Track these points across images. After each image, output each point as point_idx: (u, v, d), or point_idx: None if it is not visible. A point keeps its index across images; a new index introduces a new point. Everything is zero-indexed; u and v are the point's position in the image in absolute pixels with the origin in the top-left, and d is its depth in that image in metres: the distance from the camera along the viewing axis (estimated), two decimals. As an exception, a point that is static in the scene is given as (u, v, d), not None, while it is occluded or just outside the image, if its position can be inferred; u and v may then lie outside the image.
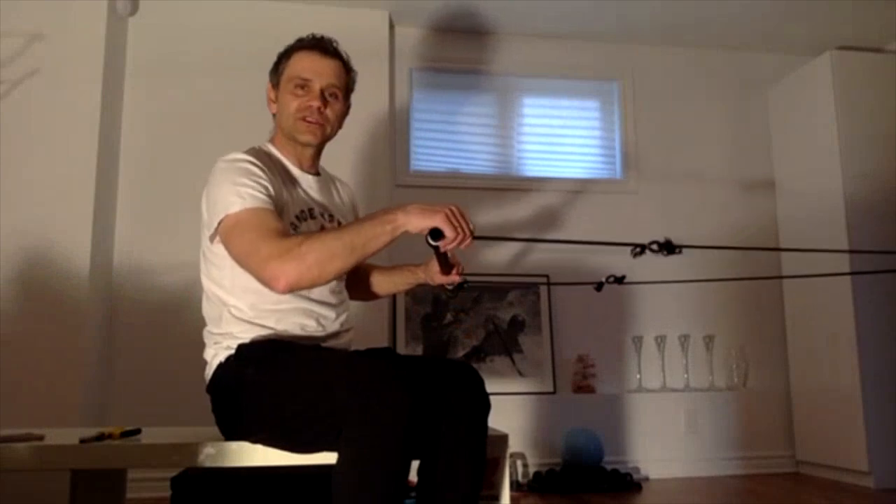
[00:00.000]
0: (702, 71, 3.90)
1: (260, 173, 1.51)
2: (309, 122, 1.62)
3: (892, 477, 3.10)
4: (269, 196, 1.49)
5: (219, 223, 1.47)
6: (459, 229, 1.38)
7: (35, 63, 2.87)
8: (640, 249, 1.70)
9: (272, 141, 1.71)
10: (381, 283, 1.92)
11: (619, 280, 2.25)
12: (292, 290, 1.39)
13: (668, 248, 1.66)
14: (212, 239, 1.53)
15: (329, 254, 1.36)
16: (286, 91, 1.63)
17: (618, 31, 3.72)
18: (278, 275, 1.35)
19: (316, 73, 1.63)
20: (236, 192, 1.46)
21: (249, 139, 1.86)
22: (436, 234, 1.40)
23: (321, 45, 1.65)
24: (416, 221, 1.37)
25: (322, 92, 1.63)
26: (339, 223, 1.71)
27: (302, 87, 1.62)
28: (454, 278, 1.75)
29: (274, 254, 1.36)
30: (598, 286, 2.36)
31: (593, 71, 3.82)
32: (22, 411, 2.53)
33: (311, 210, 1.64)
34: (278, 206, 1.52)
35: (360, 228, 1.39)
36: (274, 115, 1.71)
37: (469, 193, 3.51)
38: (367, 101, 3.34)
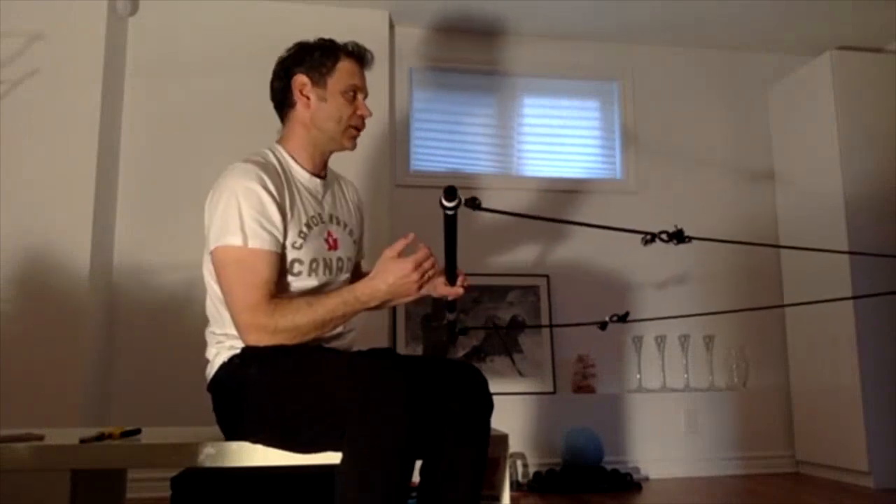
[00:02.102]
0: (702, 71, 3.90)
1: (269, 203, 1.50)
2: (359, 130, 1.69)
3: (892, 477, 3.10)
4: (274, 232, 1.50)
5: (217, 246, 1.49)
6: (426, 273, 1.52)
7: (35, 63, 2.87)
8: (650, 238, 1.70)
9: (283, 142, 1.68)
10: None
11: (623, 318, 2.24)
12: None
13: (678, 237, 1.65)
14: (210, 253, 1.54)
15: (298, 331, 1.47)
16: (338, 95, 1.64)
17: (618, 31, 3.72)
18: (248, 341, 1.48)
19: (363, 83, 1.70)
20: (240, 222, 1.47)
21: (249, 139, 1.86)
22: (451, 192, 1.41)
23: (365, 58, 1.71)
24: (393, 301, 1.57)
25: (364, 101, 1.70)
26: (345, 226, 1.72)
27: (354, 95, 1.66)
28: (458, 290, 1.74)
29: (256, 325, 1.45)
30: (602, 326, 2.33)
31: (593, 71, 3.82)
32: (22, 411, 2.53)
33: (319, 216, 1.64)
34: (281, 235, 1.53)
35: (334, 308, 1.49)
36: (287, 109, 1.68)
37: (469, 193, 3.49)
38: (368, 101, 3.34)
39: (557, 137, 3.79)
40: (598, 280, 3.60)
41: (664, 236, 1.69)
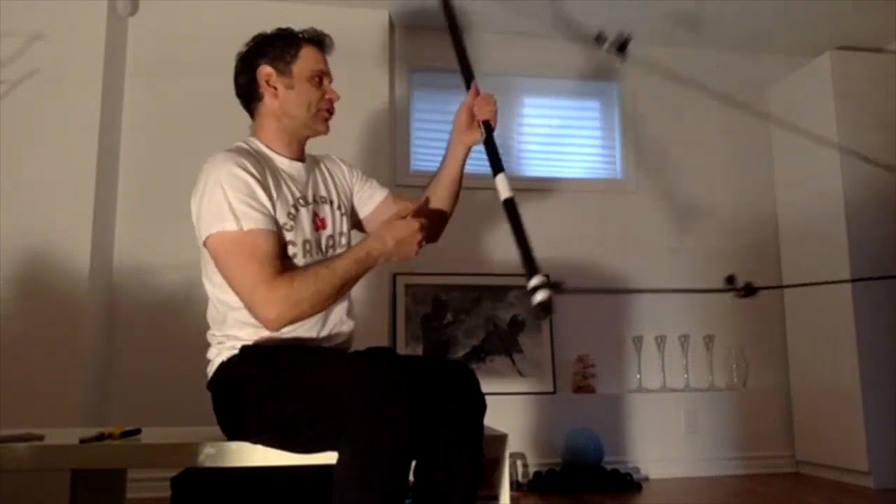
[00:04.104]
0: (702, 71, 3.89)
1: (255, 185, 1.50)
2: (329, 113, 1.69)
3: (892, 477, 3.10)
4: (265, 212, 1.50)
5: (210, 235, 1.48)
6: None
7: (35, 63, 2.87)
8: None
9: (257, 134, 1.69)
10: (443, 194, 1.89)
11: (751, 290, 2.05)
12: (281, 328, 1.47)
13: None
14: (204, 244, 1.53)
15: (319, 297, 1.46)
16: (305, 82, 1.65)
17: (618, 31, 3.70)
18: (271, 317, 1.44)
19: (327, 68, 1.71)
20: (231, 208, 1.46)
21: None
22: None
23: (327, 43, 1.73)
24: (395, 257, 1.56)
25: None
26: (332, 203, 1.71)
27: (320, 80, 1.68)
28: (484, 103, 1.80)
29: (270, 299, 1.42)
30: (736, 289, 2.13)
31: (593, 71, 3.82)
32: (22, 411, 2.52)
33: (304, 198, 1.64)
34: (273, 214, 1.52)
35: (348, 268, 1.50)
36: (255, 102, 1.69)
37: (468, 194, 3.48)
38: (367, 101, 3.35)
39: (557, 137, 3.79)
40: (599, 280, 3.59)
41: None
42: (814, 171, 3.49)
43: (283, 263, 1.49)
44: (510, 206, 1.52)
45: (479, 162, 4.01)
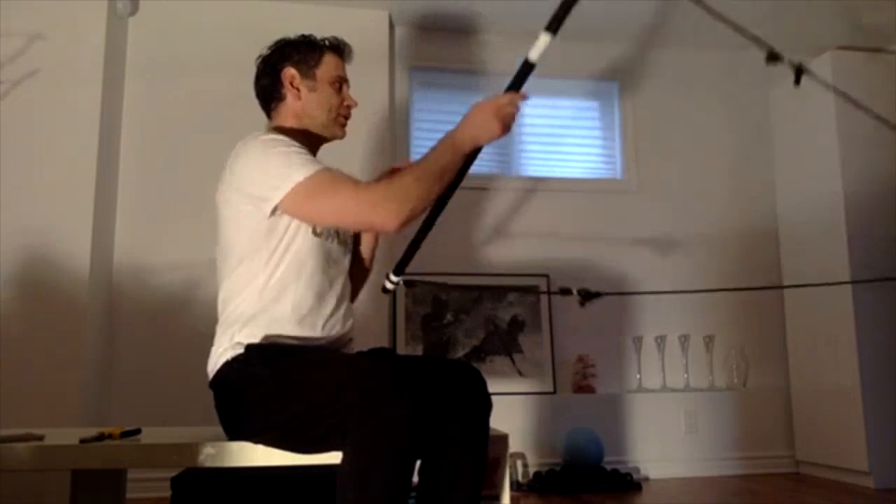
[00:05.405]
0: (702, 71, 3.89)
1: (297, 144, 1.55)
2: (346, 119, 1.74)
3: (892, 477, 3.10)
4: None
5: (286, 193, 1.47)
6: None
7: (35, 63, 2.87)
8: None
9: (277, 130, 1.69)
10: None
11: None
12: (404, 226, 1.46)
13: None
14: (273, 212, 1.51)
15: (423, 187, 1.47)
16: (327, 85, 1.69)
17: (618, 31, 3.71)
18: (387, 217, 1.44)
19: (346, 75, 1.75)
20: (296, 161, 1.49)
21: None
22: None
23: (347, 52, 1.77)
24: (485, 140, 1.57)
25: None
26: None
27: (340, 86, 1.72)
28: None
29: (378, 199, 1.45)
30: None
31: (593, 71, 3.82)
32: (22, 411, 2.52)
33: None
34: None
35: (437, 157, 1.50)
36: (276, 103, 1.70)
37: (469, 193, 3.51)
38: (367, 101, 3.30)
39: (557, 137, 3.79)
40: (598, 280, 3.59)
41: None
42: (814, 171, 3.49)
43: None
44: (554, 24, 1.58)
45: (479, 162, 4.01)
